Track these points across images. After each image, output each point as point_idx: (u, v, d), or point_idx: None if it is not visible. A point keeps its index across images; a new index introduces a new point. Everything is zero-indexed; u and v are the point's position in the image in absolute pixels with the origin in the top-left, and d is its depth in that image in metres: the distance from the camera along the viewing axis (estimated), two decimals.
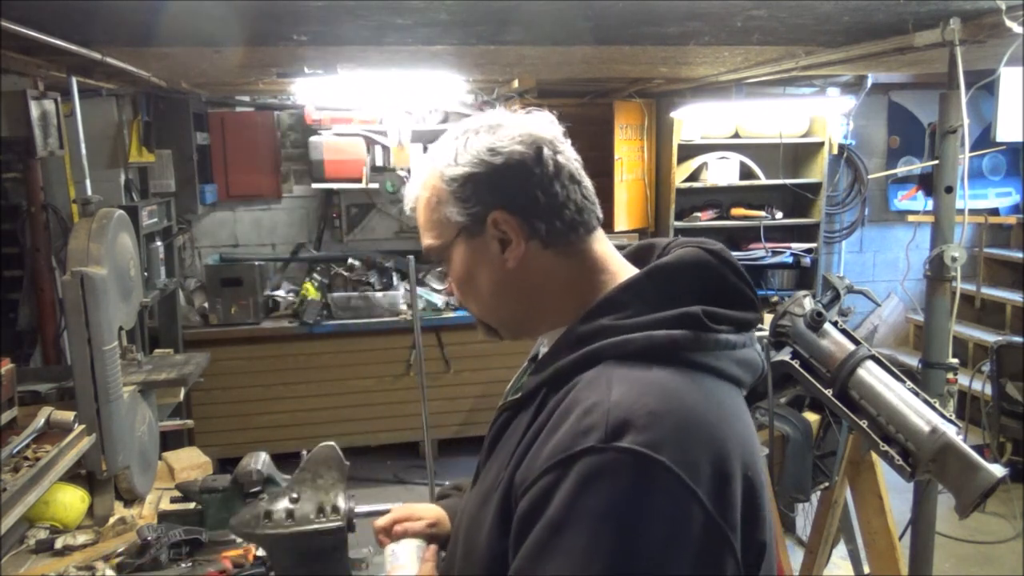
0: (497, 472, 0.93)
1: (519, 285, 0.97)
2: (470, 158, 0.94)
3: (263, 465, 1.78)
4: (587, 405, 0.82)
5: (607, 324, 0.89)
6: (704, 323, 0.88)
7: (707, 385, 0.87)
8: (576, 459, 0.79)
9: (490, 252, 0.96)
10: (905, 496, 2.47)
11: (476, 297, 1.01)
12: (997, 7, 2.01)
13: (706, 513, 0.78)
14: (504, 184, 0.94)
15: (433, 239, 1.00)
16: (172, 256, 4.19)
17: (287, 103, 4.84)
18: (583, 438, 0.80)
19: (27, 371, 2.58)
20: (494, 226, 0.95)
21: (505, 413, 0.98)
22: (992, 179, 5.40)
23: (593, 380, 0.85)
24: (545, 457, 0.82)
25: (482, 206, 0.94)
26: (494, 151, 0.93)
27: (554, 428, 0.84)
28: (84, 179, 3.06)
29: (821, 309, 1.84)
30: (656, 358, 0.85)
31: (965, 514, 1.63)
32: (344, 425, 4.54)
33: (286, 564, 1.35)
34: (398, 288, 4.66)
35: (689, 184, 4.91)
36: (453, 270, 1.00)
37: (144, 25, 2.32)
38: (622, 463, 0.77)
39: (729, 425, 0.85)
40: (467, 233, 0.96)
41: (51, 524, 1.93)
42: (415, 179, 1.02)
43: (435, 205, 0.98)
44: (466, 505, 1.02)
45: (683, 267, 0.92)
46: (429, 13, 2.16)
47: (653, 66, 3.54)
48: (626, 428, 0.78)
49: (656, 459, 0.77)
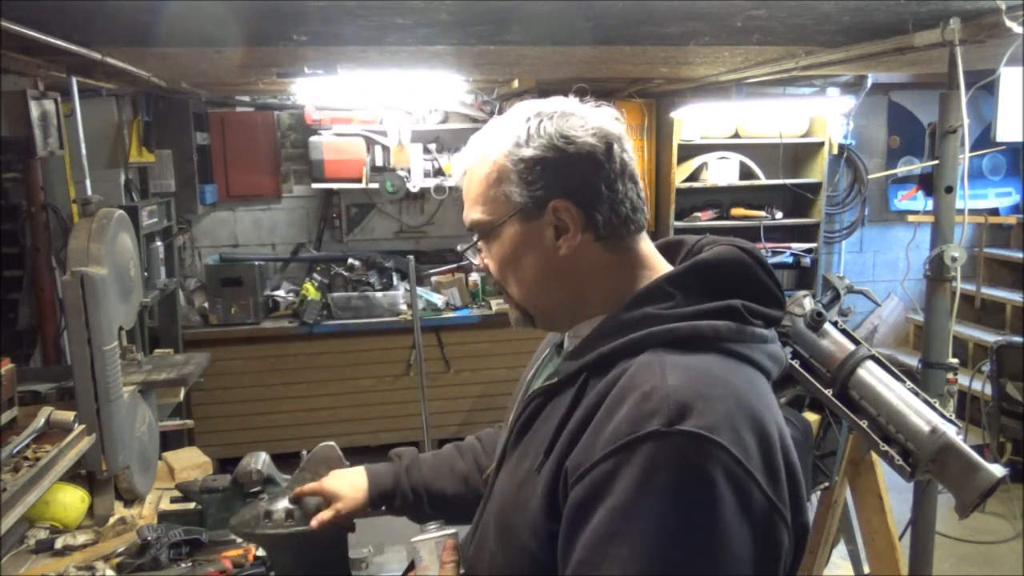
0: (535, 456, 0.93)
1: (565, 273, 0.97)
2: (543, 142, 0.94)
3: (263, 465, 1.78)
4: (644, 390, 0.83)
5: (653, 312, 0.91)
6: (744, 316, 0.92)
7: (747, 373, 0.90)
8: (640, 443, 0.80)
9: (543, 237, 0.96)
10: (905, 496, 2.47)
11: (518, 280, 1.00)
12: (997, 7, 2.01)
13: (763, 492, 0.81)
14: (572, 173, 0.94)
15: (483, 214, 0.99)
16: (172, 256, 4.19)
17: (287, 103, 4.84)
18: (645, 422, 0.81)
19: (27, 371, 2.58)
20: (553, 213, 0.95)
21: (537, 400, 0.98)
22: (992, 179, 5.40)
23: (645, 365, 0.86)
24: (604, 442, 0.83)
25: (546, 191, 0.95)
26: (568, 139, 0.94)
27: (609, 413, 0.85)
28: (84, 179, 3.06)
29: (821, 309, 1.84)
30: (701, 347, 0.88)
31: (965, 514, 1.63)
32: (344, 425, 4.54)
33: (286, 564, 1.35)
34: (398, 288, 4.66)
35: (689, 184, 4.91)
36: (499, 249, 0.99)
37: (144, 25, 2.32)
38: (686, 446, 0.79)
39: (770, 411, 0.88)
40: (523, 215, 0.96)
41: (51, 524, 1.93)
42: (473, 151, 1.01)
43: (494, 181, 0.97)
44: (497, 490, 1.02)
45: (722, 264, 0.95)
46: (429, 13, 2.16)
47: (653, 66, 3.54)
48: (687, 412, 0.80)
49: (718, 441, 0.79)
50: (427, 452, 1.37)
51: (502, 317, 4.57)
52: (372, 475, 1.32)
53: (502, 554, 0.97)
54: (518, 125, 0.96)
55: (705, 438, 0.79)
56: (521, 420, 1.00)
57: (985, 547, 3.70)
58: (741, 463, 0.80)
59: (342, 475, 1.33)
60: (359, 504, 1.28)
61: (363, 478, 1.31)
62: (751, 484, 0.80)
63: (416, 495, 1.29)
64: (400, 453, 1.37)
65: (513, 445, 1.01)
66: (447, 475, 1.31)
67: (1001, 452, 4.17)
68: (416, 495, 1.29)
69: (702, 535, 0.78)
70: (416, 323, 3.98)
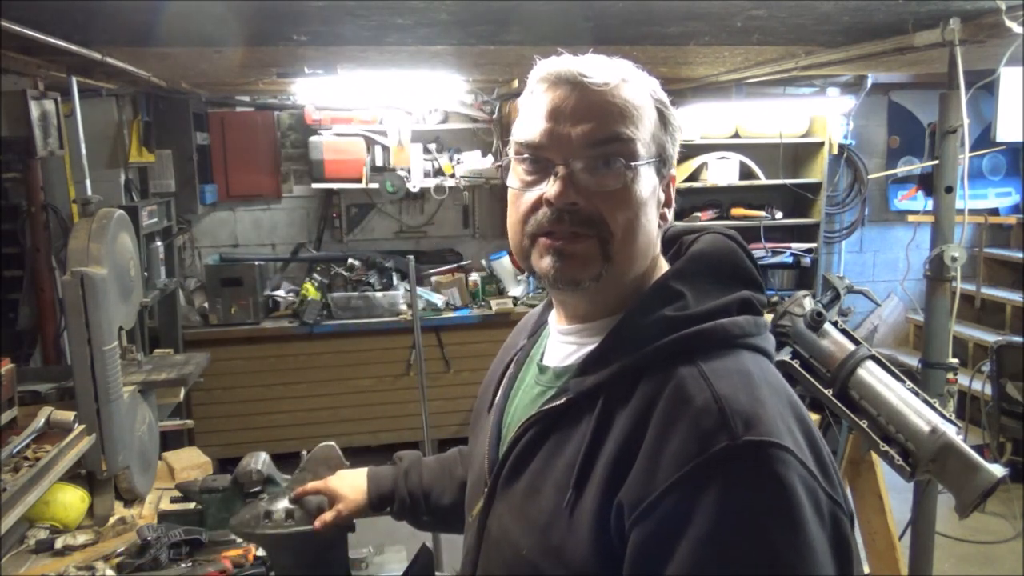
0: (556, 491, 0.84)
1: (654, 241, 0.92)
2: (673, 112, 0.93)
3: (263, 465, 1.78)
4: (698, 405, 0.77)
5: (670, 315, 0.86)
6: (756, 307, 0.90)
7: (771, 367, 0.88)
8: (712, 464, 0.74)
9: (657, 196, 0.92)
10: (905, 496, 2.47)
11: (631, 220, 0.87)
12: (997, 7, 2.01)
13: (825, 491, 0.78)
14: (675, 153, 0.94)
15: (630, 136, 0.86)
16: (172, 256, 4.19)
17: (287, 103, 4.84)
18: (711, 440, 0.75)
19: (27, 371, 2.58)
20: (667, 186, 0.94)
21: (535, 427, 0.89)
22: (992, 179, 5.40)
23: (687, 377, 0.80)
24: (668, 469, 0.75)
25: (672, 159, 0.93)
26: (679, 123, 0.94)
27: (663, 436, 0.77)
28: (84, 179, 3.06)
29: (821, 309, 1.84)
30: (728, 346, 0.85)
31: (965, 514, 1.63)
32: (344, 425, 4.54)
33: (286, 564, 1.35)
34: (398, 288, 4.66)
35: (689, 184, 4.91)
36: (635, 183, 0.87)
37: (144, 25, 2.32)
38: (761, 456, 0.75)
39: (797, 399, 0.86)
40: (657, 166, 0.90)
41: (51, 524, 1.93)
42: (636, 73, 0.90)
43: (647, 114, 0.88)
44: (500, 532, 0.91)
45: (719, 254, 0.92)
46: (429, 13, 2.16)
47: (653, 66, 3.52)
48: (750, 421, 0.76)
49: (785, 446, 0.76)
50: (431, 456, 1.36)
51: (502, 317, 4.58)
52: (372, 477, 1.31)
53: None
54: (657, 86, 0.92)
55: (776, 445, 0.75)
56: (517, 452, 0.90)
57: (985, 547, 3.70)
58: (805, 464, 0.77)
59: (344, 476, 1.33)
60: (359, 506, 1.27)
61: (363, 480, 1.30)
62: (816, 484, 0.77)
63: (413, 500, 1.27)
64: (402, 456, 1.36)
65: (507, 481, 0.91)
66: (447, 481, 1.28)
67: (1001, 452, 4.17)
68: (413, 500, 1.27)
69: (801, 545, 0.74)
70: (416, 323, 3.97)
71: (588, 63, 0.87)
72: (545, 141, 0.86)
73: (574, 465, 0.83)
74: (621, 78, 0.87)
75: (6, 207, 2.99)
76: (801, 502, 0.74)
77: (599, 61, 0.88)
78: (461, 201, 5.14)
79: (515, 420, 0.96)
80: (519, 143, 0.89)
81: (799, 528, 0.74)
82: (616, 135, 0.85)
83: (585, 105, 0.85)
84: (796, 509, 0.74)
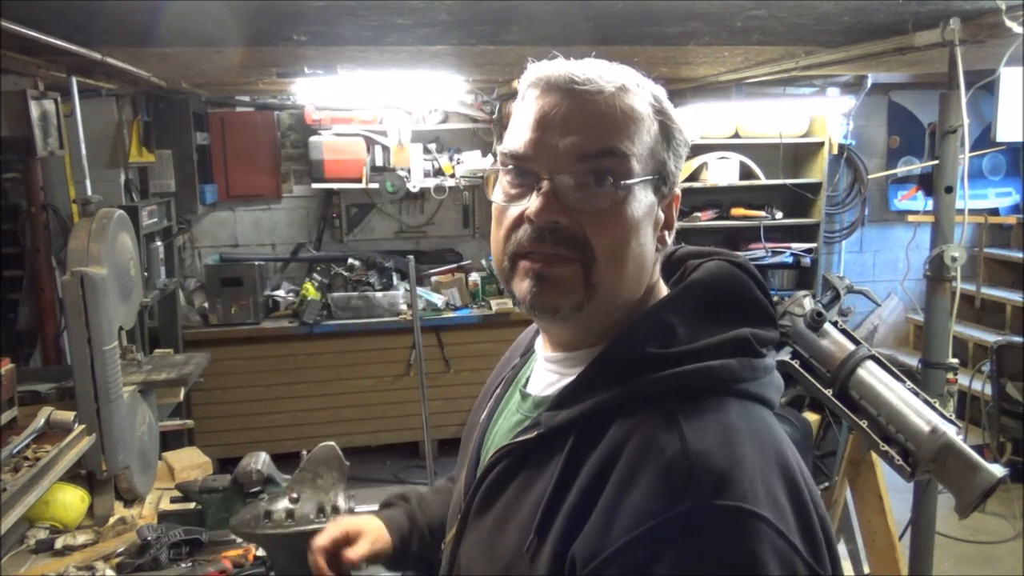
0: (519, 532, 0.79)
1: (647, 266, 0.83)
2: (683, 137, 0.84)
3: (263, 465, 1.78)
4: (666, 458, 0.71)
5: (654, 352, 0.78)
6: (755, 349, 0.80)
7: (765, 417, 0.79)
8: (674, 524, 0.68)
9: (656, 218, 0.83)
10: (905, 496, 2.47)
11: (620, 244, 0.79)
12: (997, 7, 2.01)
13: (806, 563, 0.71)
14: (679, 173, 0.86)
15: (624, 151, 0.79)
16: (172, 256, 4.19)
17: (287, 103, 4.84)
18: (676, 499, 0.68)
19: (27, 371, 2.58)
20: (667, 206, 0.85)
21: (506, 459, 0.84)
22: (992, 179, 5.40)
23: (660, 426, 0.73)
24: (626, 526, 0.69)
25: (674, 175, 0.84)
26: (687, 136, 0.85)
27: (624, 488, 0.71)
28: (84, 179, 3.06)
29: (821, 309, 1.84)
30: (716, 391, 0.77)
31: (965, 514, 1.63)
32: (344, 425, 4.54)
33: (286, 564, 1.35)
34: (398, 288, 4.66)
35: (689, 184, 4.90)
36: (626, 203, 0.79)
37: (144, 25, 2.32)
38: (729, 525, 0.68)
39: (793, 459, 0.78)
40: (655, 185, 0.82)
41: (51, 524, 1.93)
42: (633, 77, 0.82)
43: (646, 128, 0.80)
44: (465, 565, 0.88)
45: (720, 284, 0.84)
46: (429, 13, 2.16)
47: (653, 66, 3.54)
48: (722, 483, 0.69)
49: (761, 515, 0.69)
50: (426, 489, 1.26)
51: (502, 317, 4.58)
52: (387, 519, 1.14)
53: None
54: (662, 96, 0.84)
55: (748, 512, 0.68)
56: (488, 482, 0.85)
57: (985, 547, 3.70)
58: (784, 535, 0.70)
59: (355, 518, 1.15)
60: (387, 544, 1.10)
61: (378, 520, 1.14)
62: (795, 558, 0.70)
63: (432, 533, 1.14)
64: (404, 495, 1.20)
65: (479, 511, 0.86)
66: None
67: (1001, 452, 4.17)
68: (432, 533, 1.14)
69: None
70: (416, 323, 3.97)
71: (583, 68, 0.80)
72: (531, 152, 0.79)
73: (538, 507, 0.78)
74: (619, 86, 0.79)
75: (6, 207, 2.99)
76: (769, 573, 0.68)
77: (596, 66, 0.80)
78: (461, 201, 5.14)
79: (493, 446, 0.91)
80: (503, 153, 0.82)
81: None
82: (609, 149, 0.78)
83: (576, 115, 0.78)
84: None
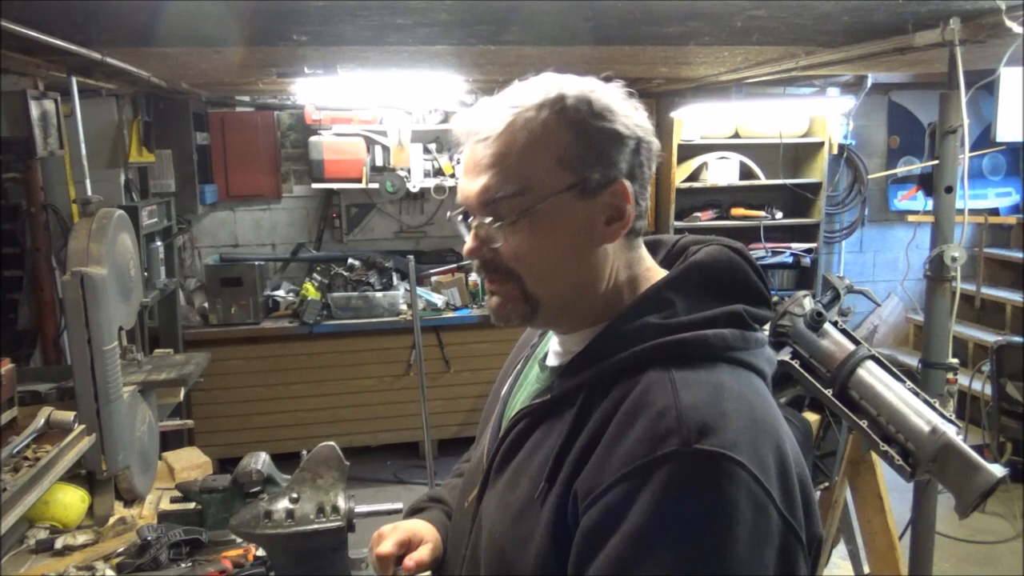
0: (532, 483, 0.87)
1: (597, 265, 0.89)
2: (616, 117, 0.86)
3: (263, 465, 1.79)
4: (658, 408, 0.79)
5: (655, 322, 0.86)
6: (747, 321, 0.88)
7: (755, 383, 0.87)
8: (657, 465, 0.76)
9: (595, 220, 0.87)
10: (905, 496, 2.47)
11: (544, 267, 0.88)
12: (997, 7, 2.01)
13: (780, 513, 0.78)
14: (633, 156, 0.87)
15: (522, 187, 0.85)
16: (172, 256, 4.19)
17: (287, 103, 4.84)
18: (661, 443, 0.76)
19: (27, 371, 2.58)
20: (611, 195, 0.86)
21: (525, 419, 0.92)
22: (992, 179, 5.40)
23: (656, 382, 0.82)
24: (617, 464, 0.78)
25: (613, 169, 0.86)
26: (632, 120, 0.87)
27: (620, 433, 0.80)
28: (84, 179, 3.06)
29: (821, 309, 1.84)
30: (709, 357, 0.84)
31: (965, 514, 1.63)
32: (344, 425, 4.54)
33: (286, 564, 1.34)
34: (398, 288, 4.66)
35: (689, 184, 4.91)
36: (532, 229, 0.86)
37: (144, 25, 2.32)
38: (706, 466, 0.75)
39: (780, 421, 0.85)
40: (580, 192, 0.85)
41: (51, 524, 1.93)
42: (508, 110, 0.86)
43: (541, 149, 0.85)
44: (485, 519, 0.94)
45: (717, 266, 0.91)
46: (429, 13, 2.16)
47: (653, 66, 3.54)
48: (705, 431, 0.76)
49: (739, 460, 0.76)
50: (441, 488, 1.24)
51: None
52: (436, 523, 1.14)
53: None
54: (584, 93, 0.86)
55: (726, 457, 0.75)
56: (508, 442, 0.93)
57: (985, 547, 3.70)
58: (760, 482, 0.76)
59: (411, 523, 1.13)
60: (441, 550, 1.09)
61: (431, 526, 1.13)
62: (770, 504, 0.77)
63: None
64: (436, 497, 1.21)
65: (498, 469, 0.94)
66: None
67: (1001, 452, 4.17)
68: None
69: (724, 560, 0.74)
70: (416, 323, 3.98)
71: (482, 113, 0.88)
72: (459, 198, 0.91)
73: (549, 458, 0.85)
74: (508, 121, 0.85)
75: (6, 207, 2.99)
76: (740, 518, 0.74)
77: (494, 106, 0.88)
78: None
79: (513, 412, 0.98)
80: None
81: (729, 543, 0.74)
82: (494, 194, 0.86)
83: (474, 162, 0.87)
84: (731, 524, 0.74)
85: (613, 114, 0.86)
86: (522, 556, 0.85)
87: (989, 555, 3.66)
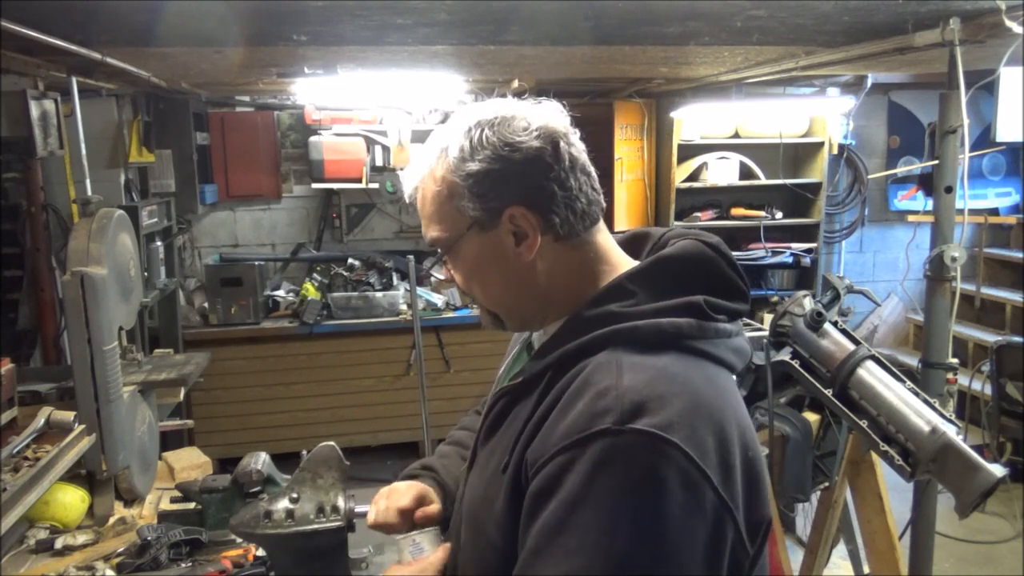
0: (502, 454, 0.94)
1: (531, 277, 0.98)
2: (488, 154, 0.93)
3: (263, 465, 1.78)
4: (600, 388, 0.84)
5: (615, 310, 0.91)
6: (706, 312, 0.92)
7: (708, 371, 0.90)
8: (592, 440, 0.81)
9: (503, 245, 0.96)
10: (905, 496, 2.47)
11: (485, 288, 1.01)
12: (997, 7, 2.01)
13: (715, 491, 0.81)
14: (522, 179, 0.94)
15: (441, 231, 0.99)
16: (172, 256, 4.19)
17: (287, 103, 4.84)
18: (598, 420, 0.82)
19: (27, 371, 2.58)
20: (510, 221, 0.95)
21: (504, 398, 0.99)
22: (992, 179, 5.40)
23: (603, 364, 0.87)
24: (559, 437, 0.84)
25: (499, 201, 0.94)
26: (512, 146, 0.93)
27: (565, 409, 0.86)
28: (84, 179, 3.06)
29: (821, 309, 1.85)
30: (662, 344, 0.89)
31: (965, 514, 1.63)
32: (344, 425, 4.54)
33: (286, 564, 1.34)
34: (398, 288, 4.66)
35: (689, 184, 4.91)
36: (461, 262, 1.00)
37: (144, 25, 2.32)
38: (637, 444, 0.80)
39: (730, 407, 0.89)
40: (480, 227, 0.96)
41: (51, 524, 1.93)
42: (418, 169, 1.00)
43: (446, 197, 0.96)
44: (468, 488, 1.03)
45: (684, 258, 0.95)
46: (429, 13, 2.16)
47: (653, 66, 3.54)
48: (639, 411, 0.81)
49: (670, 440, 0.80)
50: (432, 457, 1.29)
51: None
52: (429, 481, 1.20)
53: (472, 550, 0.98)
54: (460, 137, 0.95)
55: (658, 436, 0.80)
56: (489, 419, 1.00)
57: (985, 547, 3.70)
58: (695, 461, 0.80)
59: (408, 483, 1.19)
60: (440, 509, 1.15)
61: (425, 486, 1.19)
62: (704, 483, 0.81)
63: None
64: (427, 465, 1.26)
65: (482, 444, 1.02)
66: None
67: (1001, 452, 4.17)
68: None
69: (647, 532, 0.79)
70: (416, 323, 3.98)
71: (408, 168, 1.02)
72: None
73: (517, 432, 0.93)
74: (421, 177, 1.00)
75: (6, 207, 2.99)
76: (667, 494, 0.79)
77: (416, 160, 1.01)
78: None
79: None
80: None
81: (656, 516, 0.79)
82: (430, 242, 1.01)
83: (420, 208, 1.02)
84: (658, 498, 0.79)
85: (501, 143, 0.93)
86: (488, 519, 0.93)
87: (989, 555, 3.66)
